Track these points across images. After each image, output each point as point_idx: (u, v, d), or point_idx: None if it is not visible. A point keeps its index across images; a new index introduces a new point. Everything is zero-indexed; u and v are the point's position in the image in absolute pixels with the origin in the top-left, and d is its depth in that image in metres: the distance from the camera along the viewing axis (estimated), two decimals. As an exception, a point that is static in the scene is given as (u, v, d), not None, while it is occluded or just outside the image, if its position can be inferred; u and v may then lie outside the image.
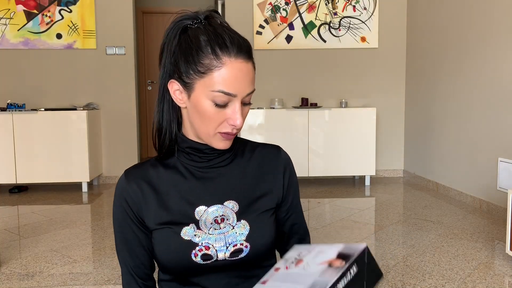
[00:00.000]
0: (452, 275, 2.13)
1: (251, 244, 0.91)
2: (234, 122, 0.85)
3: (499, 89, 3.24)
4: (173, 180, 0.94)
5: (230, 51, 0.83)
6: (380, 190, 4.25)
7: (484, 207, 3.39)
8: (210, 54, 0.83)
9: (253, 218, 0.92)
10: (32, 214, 3.44)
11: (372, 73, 4.85)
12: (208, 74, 0.83)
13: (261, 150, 1.01)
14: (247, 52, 0.85)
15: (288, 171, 1.01)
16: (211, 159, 0.94)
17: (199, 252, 0.89)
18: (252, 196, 0.95)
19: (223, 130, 0.86)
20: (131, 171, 0.96)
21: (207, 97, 0.84)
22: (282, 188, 0.99)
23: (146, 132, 6.55)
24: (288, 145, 4.05)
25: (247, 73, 0.85)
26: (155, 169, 0.95)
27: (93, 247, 2.66)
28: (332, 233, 2.83)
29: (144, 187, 0.93)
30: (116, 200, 0.95)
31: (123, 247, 0.95)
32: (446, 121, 4.02)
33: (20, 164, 4.11)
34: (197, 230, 0.90)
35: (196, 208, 0.91)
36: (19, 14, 4.53)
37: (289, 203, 1.01)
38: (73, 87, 4.67)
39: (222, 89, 0.83)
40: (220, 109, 0.85)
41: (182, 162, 0.95)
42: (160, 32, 6.44)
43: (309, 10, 4.74)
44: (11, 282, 2.11)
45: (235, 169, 0.96)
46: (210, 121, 0.86)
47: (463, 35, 3.73)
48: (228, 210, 0.92)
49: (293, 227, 1.04)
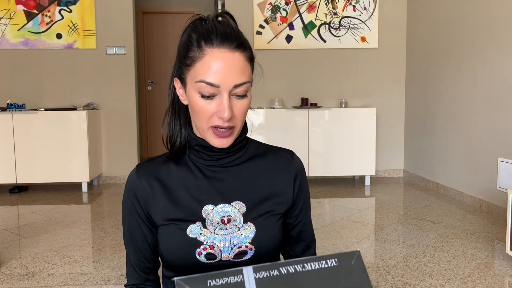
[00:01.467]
0: (452, 275, 2.13)
1: (256, 247, 0.90)
2: (221, 114, 0.83)
3: (499, 89, 3.24)
4: (183, 177, 0.94)
5: (213, 41, 0.83)
6: (380, 190, 4.25)
7: (484, 207, 3.39)
8: (195, 47, 0.84)
9: (260, 221, 0.92)
10: (32, 214, 3.44)
11: (372, 73, 4.85)
12: (192, 66, 0.85)
13: (274, 154, 1.00)
14: (234, 42, 0.84)
15: (300, 177, 0.99)
16: (221, 158, 0.94)
17: (203, 251, 0.89)
18: (260, 199, 0.94)
19: (214, 123, 0.85)
20: (142, 166, 0.96)
21: (194, 89, 0.85)
22: (292, 193, 0.97)
23: (146, 132, 6.55)
24: (288, 145, 4.03)
25: (232, 63, 0.83)
26: (167, 165, 0.96)
27: (93, 247, 2.66)
28: (332, 233, 2.83)
29: (154, 183, 0.94)
30: (126, 194, 0.96)
31: (129, 240, 0.97)
32: (446, 121, 4.02)
33: (20, 164, 4.11)
34: (203, 228, 0.90)
35: (204, 206, 0.91)
36: (19, 14, 4.53)
37: (298, 210, 1.00)
38: (73, 87, 4.67)
39: (203, 78, 0.83)
40: (208, 101, 0.84)
41: (193, 160, 0.95)
42: (160, 32, 6.44)
43: (309, 10, 4.74)
44: (11, 282, 2.11)
45: (245, 170, 0.95)
46: (200, 114, 0.86)
47: (463, 34, 3.73)
48: (235, 210, 0.91)
49: (301, 233, 1.02)
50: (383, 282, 2.05)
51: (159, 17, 6.42)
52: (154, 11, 6.39)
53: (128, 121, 4.75)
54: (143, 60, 6.42)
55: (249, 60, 0.88)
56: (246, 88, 0.86)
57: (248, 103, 0.88)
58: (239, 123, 0.88)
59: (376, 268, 2.24)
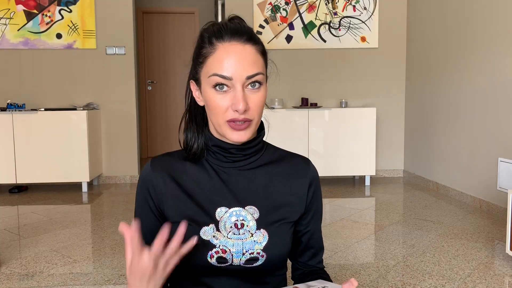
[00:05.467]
0: (452, 275, 2.13)
1: (267, 254, 0.90)
2: (236, 106, 0.83)
3: (500, 89, 3.24)
4: (198, 177, 0.93)
5: (224, 36, 0.84)
6: (380, 190, 4.25)
7: (484, 207, 3.39)
8: (207, 44, 0.86)
9: (273, 229, 0.91)
10: (32, 214, 3.44)
11: (372, 73, 4.85)
12: (205, 62, 0.86)
13: (290, 160, 0.99)
14: (245, 35, 0.85)
15: (314, 186, 0.99)
16: (237, 160, 0.93)
17: (215, 254, 0.88)
18: (274, 205, 0.93)
19: (229, 117, 0.85)
20: (158, 162, 0.95)
21: (208, 84, 0.86)
22: (305, 202, 0.97)
23: (146, 132, 6.55)
24: (288, 145, 4.04)
25: (243, 55, 0.83)
26: (183, 162, 0.95)
27: (93, 247, 2.66)
28: (332, 233, 2.83)
29: (168, 179, 0.93)
30: (139, 188, 0.96)
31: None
32: (446, 121, 4.02)
33: (20, 164, 4.11)
34: (216, 231, 0.89)
35: (218, 208, 0.91)
36: (19, 14, 4.53)
37: (309, 218, 0.99)
38: (73, 87, 4.67)
39: (215, 72, 0.83)
40: (222, 95, 0.84)
41: (209, 161, 0.94)
42: (160, 32, 6.44)
43: (309, 10, 4.74)
44: (11, 282, 2.11)
45: (261, 174, 0.95)
46: (216, 109, 0.86)
47: (463, 34, 3.73)
48: (248, 215, 0.91)
49: (310, 241, 1.02)
50: (383, 282, 2.05)
51: (159, 17, 6.42)
52: (154, 11, 6.39)
53: (128, 121, 4.75)
54: (143, 60, 6.42)
55: (261, 53, 0.88)
56: (260, 79, 0.86)
57: (263, 95, 0.87)
58: (256, 116, 0.87)
59: (376, 268, 2.24)
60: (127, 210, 3.51)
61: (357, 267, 2.26)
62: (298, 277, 1.05)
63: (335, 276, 2.13)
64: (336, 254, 2.44)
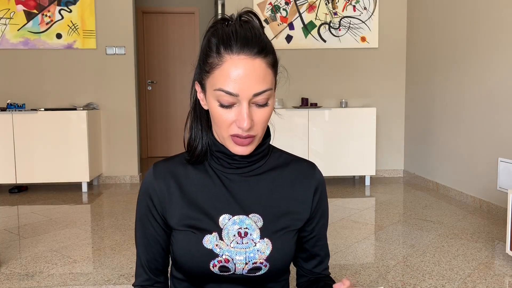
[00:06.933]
0: (452, 275, 2.13)
1: (270, 264, 0.89)
2: (240, 124, 0.80)
3: (500, 89, 3.24)
4: (201, 183, 0.91)
5: (233, 47, 0.79)
6: (380, 190, 4.25)
7: (484, 207, 3.39)
8: (214, 53, 0.81)
9: (277, 238, 0.89)
10: (32, 214, 3.44)
11: (372, 73, 4.85)
12: (211, 73, 0.82)
13: (295, 165, 0.97)
14: (255, 47, 0.80)
15: (319, 192, 0.96)
16: (241, 167, 0.91)
17: (218, 263, 0.87)
18: (278, 213, 0.91)
19: (233, 132, 0.82)
20: (160, 167, 0.93)
21: (213, 97, 0.82)
22: (310, 208, 0.95)
23: (146, 132, 6.55)
24: (288, 145, 4.05)
25: (252, 71, 0.79)
26: (185, 168, 0.93)
27: (93, 247, 2.66)
28: (332, 233, 2.83)
29: (171, 185, 0.91)
30: (141, 194, 0.94)
31: (140, 240, 0.95)
32: (446, 121, 4.02)
33: (20, 164, 4.11)
34: (219, 240, 0.87)
35: (221, 215, 0.89)
36: (19, 14, 4.53)
37: (314, 224, 0.97)
38: (73, 87, 4.67)
39: (221, 87, 0.80)
40: (227, 110, 0.81)
41: (212, 166, 0.92)
42: (160, 32, 6.44)
43: (309, 10, 4.74)
44: (11, 282, 2.11)
45: (265, 181, 0.93)
46: (220, 122, 0.83)
47: (463, 34, 3.73)
48: (252, 223, 0.89)
49: (315, 248, 1.00)
50: (383, 282, 2.05)
51: (159, 17, 6.42)
52: (154, 11, 6.39)
53: (128, 121, 4.75)
54: (143, 60, 6.42)
55: (271, 66, 0.85)
56: (267, 96, 0.83)
57: (269, 111, 0.84)
58: (260, 132, 0.85)
59: (376, 268, 2.24)
60: (127, 210, 3.51)
61: (357, 267, 2.26)
62: (304, 284, 1.03)
63: (335, 276, 2.13)
64: (336, 254, 2.44)
